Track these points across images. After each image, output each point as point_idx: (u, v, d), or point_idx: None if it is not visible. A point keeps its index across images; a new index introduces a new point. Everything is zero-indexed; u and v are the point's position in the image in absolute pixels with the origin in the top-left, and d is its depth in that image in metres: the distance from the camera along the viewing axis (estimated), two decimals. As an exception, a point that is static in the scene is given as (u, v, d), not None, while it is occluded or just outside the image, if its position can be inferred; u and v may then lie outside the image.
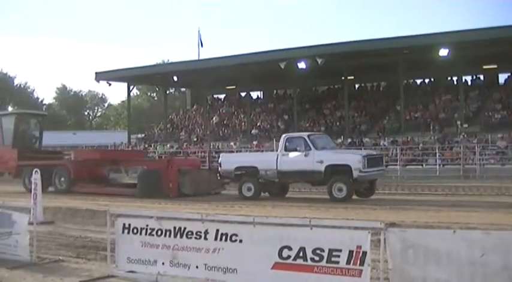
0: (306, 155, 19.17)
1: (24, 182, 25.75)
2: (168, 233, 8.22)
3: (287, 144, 19.83)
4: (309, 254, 6.99)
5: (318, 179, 19.45)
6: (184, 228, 8.08)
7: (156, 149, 41.59)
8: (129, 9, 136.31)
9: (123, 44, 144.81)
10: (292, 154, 19.56)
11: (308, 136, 19.98)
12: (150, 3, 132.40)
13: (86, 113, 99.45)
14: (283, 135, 20.83)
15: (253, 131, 43.10)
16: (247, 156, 26.01)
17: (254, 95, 51.65)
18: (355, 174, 18.43)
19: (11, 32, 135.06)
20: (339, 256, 6.78)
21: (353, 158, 18.88)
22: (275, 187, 20.85)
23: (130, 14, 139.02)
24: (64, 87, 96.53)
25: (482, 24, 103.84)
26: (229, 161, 21.79)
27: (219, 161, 21.95)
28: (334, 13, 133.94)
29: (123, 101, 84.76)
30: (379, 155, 22.27)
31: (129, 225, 8.62)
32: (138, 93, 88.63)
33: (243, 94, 49.26)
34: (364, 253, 6.64)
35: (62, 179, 25.10)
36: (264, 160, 20.75)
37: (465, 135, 32.86)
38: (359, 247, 6.67)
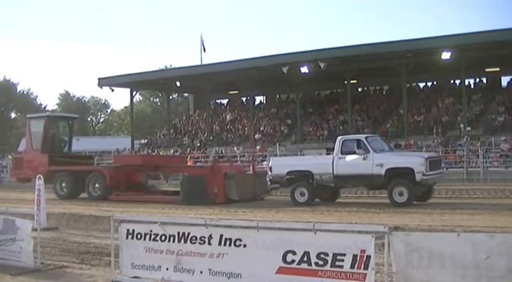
0: (364, 158, 18.38)
1: (55, 189, 24.83)
2: (172, 238, 8.22)
3: (343, 147, 18.99)
4: (313, 259, 6.99)
5: (377, 183, 18.72)
6: (188, 234, 8.09)
7: (159, 154, 41.52)
8: (132, 15, 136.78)
9: (126, 50, 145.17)
10: (349, 157, 18.75)
11: (366, 138, 19.17)
12: (152, 9, 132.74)
13: (89, 119, 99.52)
14: (339, 138, 19.83)
15: (256, 136, 43.06)
16: (300, 160, 24.52)
17: (257, 99, 51.70)
18: (418, 177, 17.65)
19: (13, 38, 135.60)
20: (343, 260, 6.79)
21: (416, 161, 18.16)
22: (328, 192, 20.22)
23: (133, 19, 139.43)
24: (67, 93, 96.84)
25: (485, 27, 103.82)
26: (280, 164, 20.93)
27: (269, 165, 21.00)
28: (336, 17, 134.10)
29: (126, 107, 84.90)
30: (438, 157, 21.51)
31: (133, 230, 8.63)
32: (141, 98, 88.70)
33: (245, 99, 49.31)
34: (368, 257, 6.64)
35: (97, 185, 23.95)
36: (319, 164, 19.75)
37: (468, 138, 32.77)
38: (363, 251, 6.67)
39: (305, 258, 7.05)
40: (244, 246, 7.58)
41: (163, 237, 8.30)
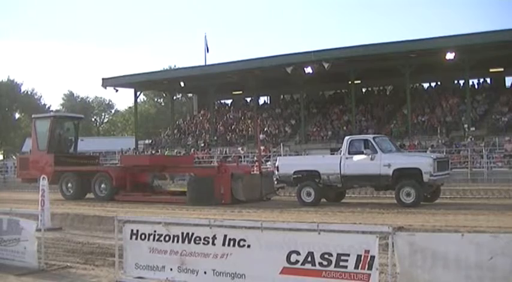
0: (372, 159, 18.28)
1: (61, 189, 24.92)
2: (176, 239, 8.23)
3: (350, 147, 18.90)
4: (317, 259, 6.99)
5: (384, 184, 18.64)
6: (192, 234, 8.10)
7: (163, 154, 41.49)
8: (136, 15, 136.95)
9: (130, 50, 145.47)
10: (356, 157, 18.66)
11: (373, 138, 19.07)
12: (156, 9, 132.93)
13: (93, 119, 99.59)
14: (347, 138, 19.76)
15: (260, 136, 42.95)
16: (307, 160, 23.74)
17: (261, 100, 51.68)
18: (426, 178, 17.58)
19: (17, 38, 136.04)
20: (347, 260, 6.79)
21: (424, 161, 18.06)
22: (335, 192, 20.18)
23: (137, 19, 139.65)
24: (71, 93, 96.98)
25: (489, 28, 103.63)
26: (287, 164, 20.89)
27: (276, 165, 20.99)
28: (340, 17, 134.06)
29: (130, 107, 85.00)
30: (446, 157, 21.37)
31: (137, 231, 8.64)
32: (145, 99, 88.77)
33: (249, 99, 49.32)
34: (372, 257, 6.64)
35: (103, 186, 23.92)
36: (326, 164, 19.60)
37: (472, 139, 32.71)
38: (367, 251, 6.68)
39: (309, 259, 7.06)
40: (248, 246, 7.58)
41: (167, 238, 8.32)
